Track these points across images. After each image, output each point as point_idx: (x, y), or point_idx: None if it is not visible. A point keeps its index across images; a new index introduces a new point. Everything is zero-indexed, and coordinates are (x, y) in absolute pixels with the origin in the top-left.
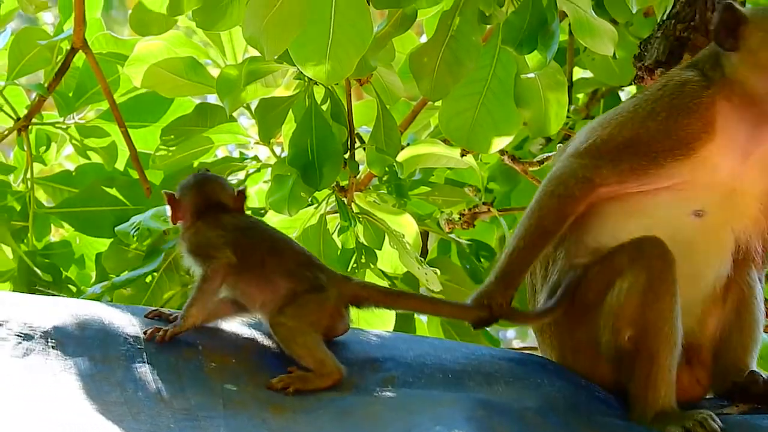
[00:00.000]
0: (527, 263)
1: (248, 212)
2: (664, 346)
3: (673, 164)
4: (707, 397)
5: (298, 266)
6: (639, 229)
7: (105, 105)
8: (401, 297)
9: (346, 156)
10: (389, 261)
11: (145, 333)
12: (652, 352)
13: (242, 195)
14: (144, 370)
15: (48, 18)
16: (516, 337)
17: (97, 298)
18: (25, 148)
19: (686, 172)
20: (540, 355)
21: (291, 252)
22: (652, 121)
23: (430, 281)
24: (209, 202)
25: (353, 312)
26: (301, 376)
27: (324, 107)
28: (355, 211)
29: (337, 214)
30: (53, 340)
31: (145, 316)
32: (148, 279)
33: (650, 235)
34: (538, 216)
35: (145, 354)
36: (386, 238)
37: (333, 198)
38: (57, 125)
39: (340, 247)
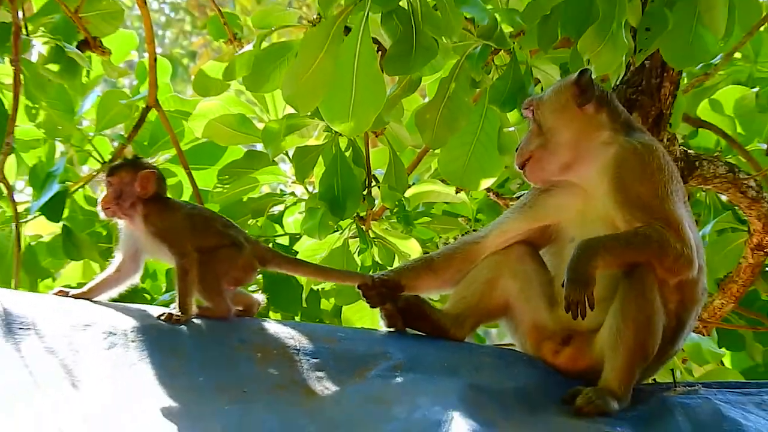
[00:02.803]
0: (417, 272)
1: (286, 237)
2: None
3: (530, 210)
4: (650, 381)
5: (223, 227)
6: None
7: (173, 152)
8: (299, 264)
9: (365, 192)
10: None
11: (159, 317)
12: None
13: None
14: (205, 361)
15: (126, 82)
16: (498, 336)
17: (166, 304)
18: None
19: (546, 216)
20: (517, 349)
21: (217, 216)
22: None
23: None
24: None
25: (370, 313)
26: (203, 309)
27: (347, 154)
28: (371, 236)
29: (357, 239)
30: (132, 337)
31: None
32: None
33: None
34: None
35: (207, 348)
36: (396, 257)
37: (354, 226)
38: None
39: (359, 264)
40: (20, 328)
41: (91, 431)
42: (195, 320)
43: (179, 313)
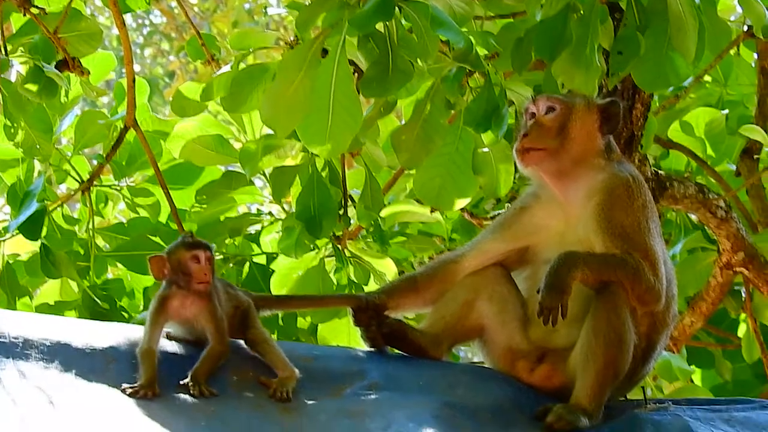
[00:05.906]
0: (402, 292)
1: (263, 256)
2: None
3: (509, 230)
4: (621, 399)
5: (227, 289)
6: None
7: (151, 171)
8: (292, 300)
9: (341, 212)
10: None
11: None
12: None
13: None
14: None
15: (104, 101)
16: (472, 354)
17: (143, 323)
18: (88, 205)
19: (525, 236)
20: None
21: (227, 284)
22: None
23: None
24: None
25: (348, 329)
26: (283, 381)
27: (324, 174)
28: (347, 256)
29: (334, 258)
30: (110, 357)
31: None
32: None
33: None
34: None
35: (184, 368)
36: (371, 276)
37: (330, 245)
38: (113, 187)
39: (335, 283)
40: None
41: None
42: (171, 342)
43: (192, 383)
